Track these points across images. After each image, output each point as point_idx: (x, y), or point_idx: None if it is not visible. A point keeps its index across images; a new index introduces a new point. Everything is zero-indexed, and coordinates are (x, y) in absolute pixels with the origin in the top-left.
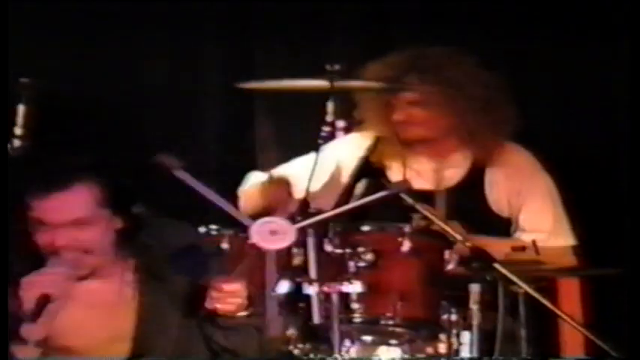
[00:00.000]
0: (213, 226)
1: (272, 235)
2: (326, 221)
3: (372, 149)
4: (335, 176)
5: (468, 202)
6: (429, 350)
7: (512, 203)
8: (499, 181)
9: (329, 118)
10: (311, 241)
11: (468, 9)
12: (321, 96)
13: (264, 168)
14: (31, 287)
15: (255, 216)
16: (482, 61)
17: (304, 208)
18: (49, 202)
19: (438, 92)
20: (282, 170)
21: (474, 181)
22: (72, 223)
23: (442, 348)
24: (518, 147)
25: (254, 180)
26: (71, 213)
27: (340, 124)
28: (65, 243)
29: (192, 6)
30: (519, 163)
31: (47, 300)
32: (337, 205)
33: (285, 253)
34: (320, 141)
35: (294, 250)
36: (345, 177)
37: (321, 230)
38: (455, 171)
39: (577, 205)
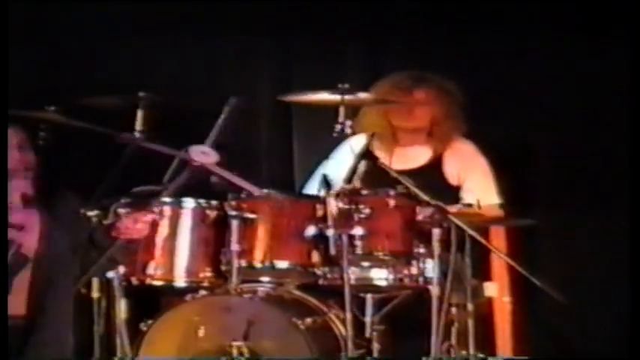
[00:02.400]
0: None
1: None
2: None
3: (370, 142)
4: (347, 161)
5: (433, 175)
6: (405, 272)
7: (460, 176)
8: (452, 161)
9: (340, 119)
10: (330, 200)
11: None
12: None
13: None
14: None
15: None
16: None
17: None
18: None
19: (432, 98)
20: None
21: (436, 162)
22: None
23: (414, 270)
24: (464, 139)
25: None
26: None
27: (348, 123)
28: None
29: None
30: (465, 149)
31: None
32: (346, 179)
33: (311, 208)
34: (334, 134)
35: (318, 206)
36: (351, 160)
37: (337, 194)
38: (425, 154)
39: (506, 177)
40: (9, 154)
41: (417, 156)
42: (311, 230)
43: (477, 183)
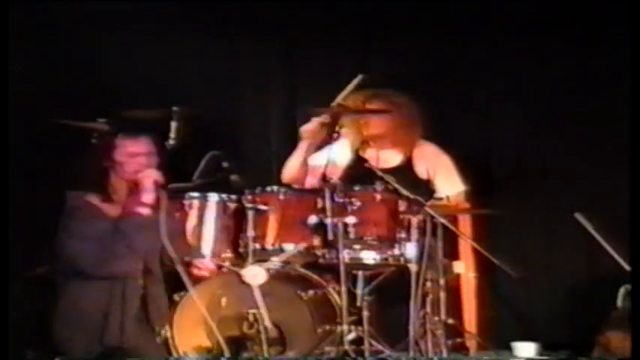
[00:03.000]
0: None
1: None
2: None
3: (359, 147)
4: (341, 160)
5: (407, 174)
6: (389, 253)
7: (428, 171)
8: (420, 160)
9: (337, 129)
10: (327, 194)
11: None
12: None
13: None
14: None
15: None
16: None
17: (324, 178)
18: None
19: (390, 108)
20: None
21: (407, 161)
22: None
23: (396, 251)
24: (428, 142)
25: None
26: None
27: (343, 131)
28: None
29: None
30: (430, 150)
31: None
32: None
33: (313, 201)
34: (333, 139)
35: (318, 200)
36: (345, 160)
37: (334, 190)
38: (396, 157)
39: (472, 174)
40: (136, 159)
41: (388, 158)
42: (313, 219)
43: (443, 177)
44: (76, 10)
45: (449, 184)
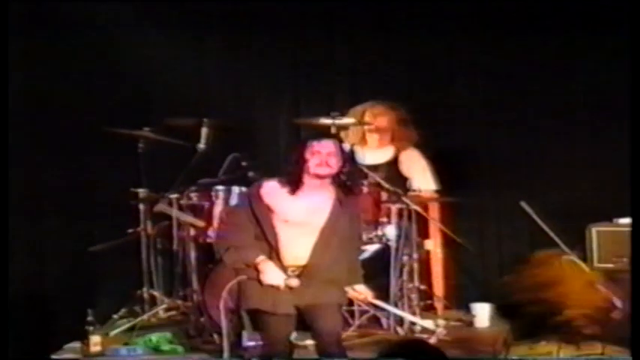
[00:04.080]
0: None
1: None
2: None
3: (355, 149)
4: None
5: (393, 170)
6: (374, 233)
7: (409, 170)
8: (404, 160)
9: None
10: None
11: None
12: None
13: None
14: None
15: None
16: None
17: None
18: None
19: (388, 121)
20: None
21: (394, 160)
22: None
23: (380, 232)
24: (412, 147)
25: None
26: None
27: (343, 136)
28: None
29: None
30: (412, 154)
31: None
32: None
33: None
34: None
35: None
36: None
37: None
38: (386, 155)
39: (440, 170)
40: (318, 156)
41: (384, 154)
42: None
43: (420, 177)
44: (119, 32)
45: (422, 182)
